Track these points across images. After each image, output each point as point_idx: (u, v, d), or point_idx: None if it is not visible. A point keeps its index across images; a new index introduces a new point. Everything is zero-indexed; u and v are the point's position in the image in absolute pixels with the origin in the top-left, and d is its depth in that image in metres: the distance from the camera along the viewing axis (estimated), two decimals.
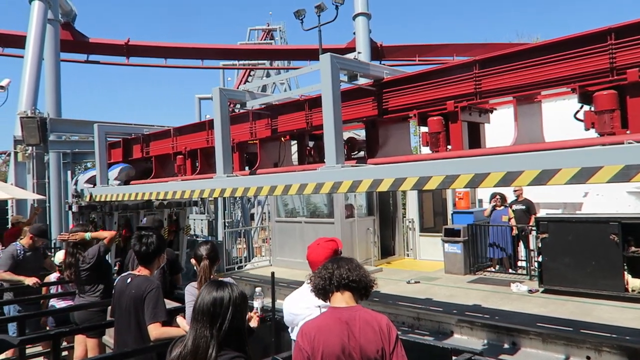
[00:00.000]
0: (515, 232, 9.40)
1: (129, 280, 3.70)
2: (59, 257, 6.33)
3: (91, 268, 5.09)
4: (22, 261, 6.28)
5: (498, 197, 9.67)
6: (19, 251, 6.31)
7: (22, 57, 14.40)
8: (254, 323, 3.27)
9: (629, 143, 3.16)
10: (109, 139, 9.05)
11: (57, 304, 5.88)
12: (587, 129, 3.68)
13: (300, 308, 3.00)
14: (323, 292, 2.51)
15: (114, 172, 8.59)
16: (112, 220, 8.94)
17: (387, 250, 11.80)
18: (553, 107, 5.52)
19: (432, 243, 11.32)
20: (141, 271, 3.76)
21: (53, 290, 6.18)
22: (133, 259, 5.00)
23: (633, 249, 7.04)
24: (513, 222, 9.48)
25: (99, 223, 9.18)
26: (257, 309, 3.68)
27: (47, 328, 5.96)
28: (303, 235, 10.98)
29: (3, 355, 6.00)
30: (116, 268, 7.64)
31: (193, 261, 3.97)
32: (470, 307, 7.10)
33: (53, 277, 6.29)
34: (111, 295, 4.13)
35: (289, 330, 3.15)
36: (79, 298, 5.29)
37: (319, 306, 2.84)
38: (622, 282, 6.99)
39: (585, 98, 3.68)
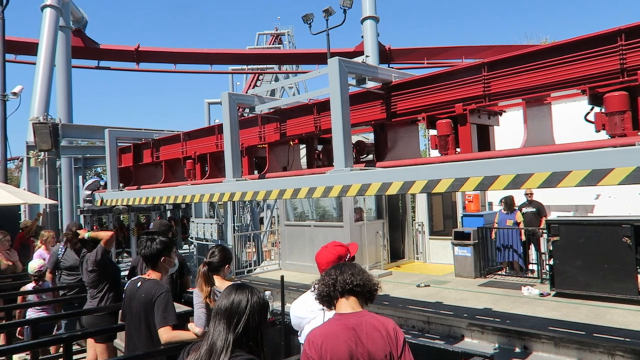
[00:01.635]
0: (523, 237, 9.37)
1: (139, 284, 3.73)
2: (33, 266, 6.41)
3: (94, 271, 5.15)
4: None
5: (504, 201, 9.68)
6: (60, 250, 6.51)
7: (34, 63, 14.59)
8: None
9: None
10: (119, 144, 9.14)
11: (37, 314, 5.97)
12: (597, 131, 3.64)
13: (305, 311, 3.03)
14: (328, 299, 2.51)
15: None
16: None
17: (396, 254, 11.77)
18: (563, 109, 5.48)
19: (442, 246, 11.28)
20: (151, 275, 3.79)
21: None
22: (141, 263, 5.04)
23: None
24: (521, 225, 9.45)
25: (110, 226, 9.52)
26: None
27: (22, 338, 6.01)
28: (312, 239, 10.98)
29: (17, 357, 6.07)
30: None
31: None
32: (481, 310, 7.05)
33: (29, 286, 6.35)
34: (120, 300, 4.15)
35: (298, 334, 3.16)
36: (88, 303, 5.34)
37: (323, 309, 2.86)
38: (636, 285, 6.91)
39: (596, 99, 3.64)
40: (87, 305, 5.31)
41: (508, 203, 9.68)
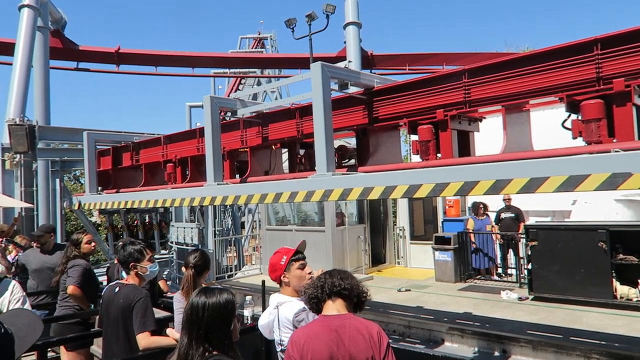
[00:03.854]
0: (498, 240, 9.55)
1: (117, 289, 3.67)
2: None
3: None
4: None
5: (480, 207, 9.92)
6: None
7: (11, 64, 14.32)
8: None
9: (616, 152, 3.19)
10: (98, 147, 8.99)
11: None
12: (574, 138, 3.72)
13: (265, 318, 3.08)
14: (316, 301, 2.52)
15: None
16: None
17: (377, 258, 11.79)
18: (541, 116, 5.58)
19: (422, 251, 11.34)
20: (129, 280, 3.73)
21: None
22: (118, 269, 4.96)
23: (621, 256, 7.11)
24: (495, 230, 9.63)
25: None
26: (247, 318, 3.65)
27: None
28: (294, 244, 10.83)
29: None
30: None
31: (184, 269, 3.95)
32: (461, 314, 7.11)
33: None
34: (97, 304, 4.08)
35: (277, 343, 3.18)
36: (58, 308, 5.22)
37: (277, 305, 2.90)
38: (611, 289, 7.04)
39: (573, 107, 3.72)
40: (58, 310, 5.18)
41: (474, 208, 9.92)
